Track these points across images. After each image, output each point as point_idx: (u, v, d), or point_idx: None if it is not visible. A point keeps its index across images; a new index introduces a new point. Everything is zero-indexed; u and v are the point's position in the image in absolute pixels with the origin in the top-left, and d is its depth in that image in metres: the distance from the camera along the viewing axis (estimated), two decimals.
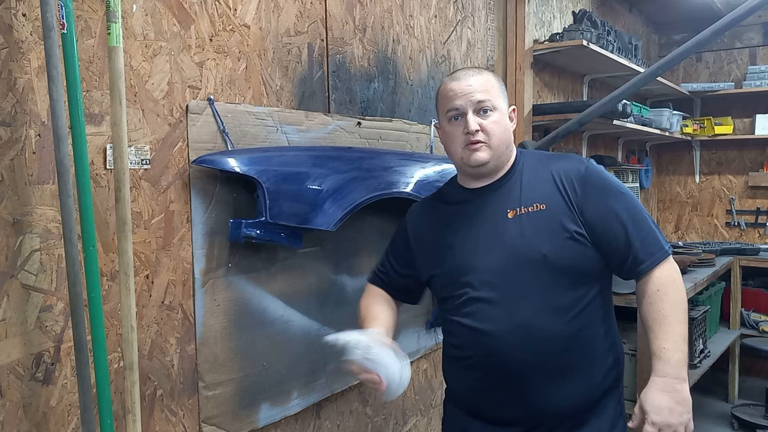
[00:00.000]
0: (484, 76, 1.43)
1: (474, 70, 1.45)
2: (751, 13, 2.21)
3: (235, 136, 1.61)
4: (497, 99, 1.41)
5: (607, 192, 1.39)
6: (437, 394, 2.51)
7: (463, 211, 1.46)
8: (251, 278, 1.68)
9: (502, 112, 1.42)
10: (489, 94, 1.39)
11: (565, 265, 1.35)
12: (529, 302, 1.35)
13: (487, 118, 1.39)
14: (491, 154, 1.39)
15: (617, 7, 4.10)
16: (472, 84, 1.40)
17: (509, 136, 1.44)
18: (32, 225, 1.25)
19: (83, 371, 1.22)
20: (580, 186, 1.38)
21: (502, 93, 1.43)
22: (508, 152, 1.44)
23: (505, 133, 1.42)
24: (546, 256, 1.35)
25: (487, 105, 1.39)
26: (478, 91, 1.39)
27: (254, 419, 1.69)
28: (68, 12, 1.17)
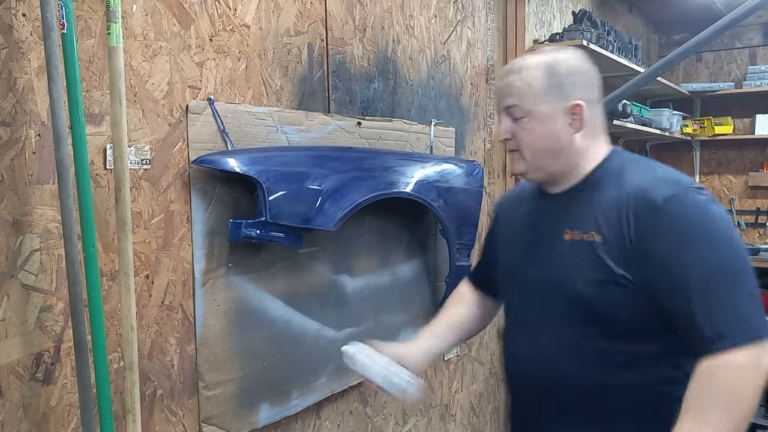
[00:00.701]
0: (524, 73, 1.20)
1: (518, 65, 1.23)
2: (751, 13, 2.22)
3: (235, 136, 1.61)
4: (534, 102, 1.19)
5: (683, 238, 1.06)
6: (437, 394, 2.51)
7: (534, 216, 1.31)
8: (251, 278, 1.68)
9: (541, 117, 1.18)
10: (520, 98, 1.20)
11: (600, 310, 1.14)
12: (550, 336, 1.22)
13: (518, 125, 1.21)
14: (526, 166, 1.22)
15: (617, 7, 4.10)
16: (508, 83, 1.21)
17: (553, 144, 1.19)
18: (32, 225, 1.25)
19: (83, 371, 1.22)
20: (649, 221, 1.09)
21: (545, 93, 1.18)
22: (561, 162, 1.21)
23: (544, 141, 1.19)
24: (577, 295, 1.16)
25: (515, 111, 1.20)
26: (508, 94, 1.21)
27: (254, 419, 1.69)
28: (68, 12, 1.17)
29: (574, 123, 1.19)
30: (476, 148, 2.68)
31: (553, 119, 1.19)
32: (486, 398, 2.88)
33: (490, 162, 2.79)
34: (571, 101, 1.18)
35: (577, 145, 1.20)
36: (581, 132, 1.20)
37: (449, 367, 2.58)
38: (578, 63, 1.22)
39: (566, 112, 1.19)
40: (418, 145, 2.25)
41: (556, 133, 1.19)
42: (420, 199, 2.00)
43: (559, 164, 1.22)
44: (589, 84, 1.22)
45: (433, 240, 2.33)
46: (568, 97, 1.18)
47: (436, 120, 2.36)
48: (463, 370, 2.69)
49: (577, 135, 1.20)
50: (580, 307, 1.17)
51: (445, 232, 2.16)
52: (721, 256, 1.06)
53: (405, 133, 2.20)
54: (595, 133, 1.23)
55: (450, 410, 2.61)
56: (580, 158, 1.21)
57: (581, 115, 1.19)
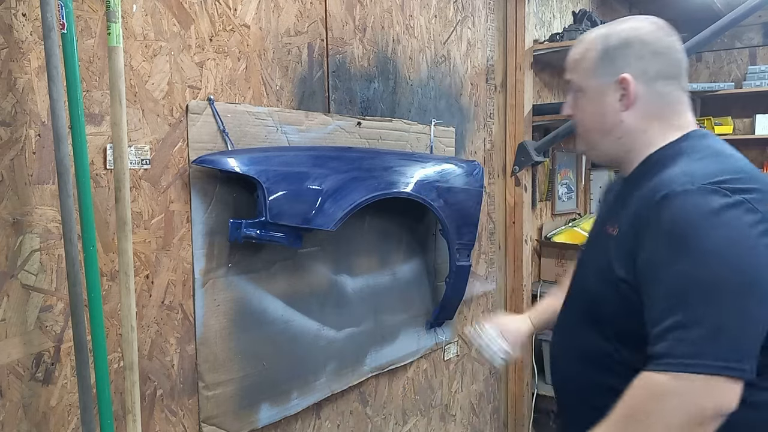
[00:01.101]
0: (581, 46, 1.15)
1: (581, 37, 1.16)
2: (751, 13, 2.21)
3: (235, 136, 1.61)
4: (587, 76, 1.12)
5: (671, 243, 0.95)
6: (437, 394, 2.51)
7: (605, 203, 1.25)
8: (251, 278, 1.68)
9: (590, 92, 1.12)
10: (575, 72, 1.14)
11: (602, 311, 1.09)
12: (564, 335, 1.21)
13: (575, 100, 1.16)
14: (582, 144, 1.17)
15: (617, 7, 4.10)
16: (569, 56, 1.16)
17: (600, 122, 1.12)
18: (32, 225, 1.25)
19: (83, 371, 1.22)
20: (644, 219, 1.00)
21: (598, 64, 1.11)
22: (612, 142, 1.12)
23: (592, 118, 1.13)
24: (586, 293, 1.13)
25: (572, 86, 1.15)
26: (567, 68, 1.16)
27: (254, 419, 1.69)
28: (68, 12, 1.17)
29: (624, 99, 1.09)
30: (476, 148, 2.68)
31: (601, 94, 1.11)
32: (486, 398, 2.89)
33: (490, 162, 2.79)
34: (618, 75, 1.08)
35: (629, 126, 1.10)
36: (634, 110, 1.09)
37: (449, 367, 2.58)
38: (636, 32, 1.09)
39: (614, 87, 1.09)
40: (418, 145, 2.25)
41: (603, 109, 1.11)
42: (420, 199, 2.00)
43: (610, 145, 1.13)
44: (648, 57, 1.08)
45: (433, 240, 2.33)
46: (617, 70, 1.09)
47: (436, 120, 2.36)
48: (463, 370, 2.69)
49: (628, 113, 1.09)
50: (587, 307, 1.13)
51: (445, 232, 2.16)
52: (701, 268, 0.92)
53: (405, 133, 2.20)
54: (659, 114, 1.10)
55: (450, 410, 2.61)
56: (635, 141, 1.10)
57: (629, 90, 1.08)
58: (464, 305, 2.61)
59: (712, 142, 1.09)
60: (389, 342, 2.16)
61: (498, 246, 2.90)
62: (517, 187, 2.87)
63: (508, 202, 2.90)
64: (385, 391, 2.22)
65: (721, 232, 0.93)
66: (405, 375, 2.32)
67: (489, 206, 2.80)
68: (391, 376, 2.25)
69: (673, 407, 0.90)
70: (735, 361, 0.89)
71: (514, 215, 2.89)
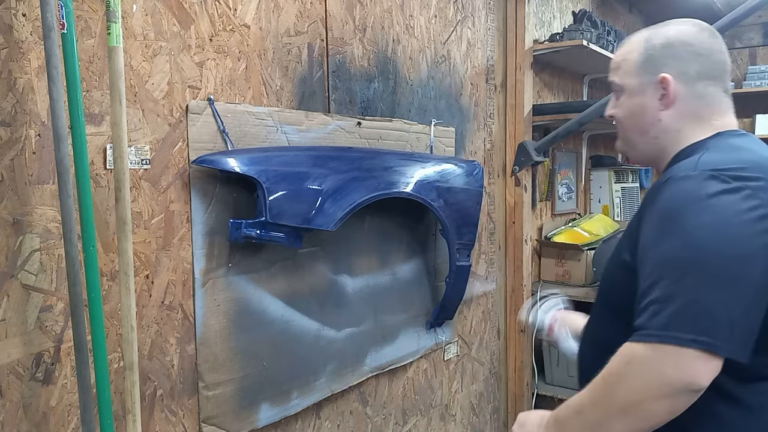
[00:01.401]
0: (624, 48, 1.17)
1: (625, 40, 1.19)
2: (751, 13, 2.22)
3: (235, 136, 1.61)
4: (628, 76, 1.15)
5: (662, 222, 0.98)
6: (437, 394, 2.51)
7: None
8: (251, 278, 1.68)
9: (630, 92, 1.15)
10: (617, 73, 1.17)
11: (610, 297, 1.15)
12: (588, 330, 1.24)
13: (617, 101, 1.18)
14: (621, 144, 1.20)
15: (617, 7, 4.10)
16: (612, 59, 1.19)
17: (639, 120, 1.14)
18: (32, 225, 1.25)
19: (83, 371, 1.22)
20: (647, 205, 1.04)
21: (639, 65, 1.13)
22: (649, 141, 1.15)
23: (632, 117, 1.15)
24: (602, 284, 1.18)
25: (614, 86, 1.18)
26: (610, 69, 1.18)
27: (254, 419, 1.69)
28: (68, 12, 1.17)
29: (663, 99, 1.11)
30: (476, 148, 2.68)
31: (641, 93, 1.13)
32: (486, 398, 2.88)
33: (490, 162, 2.79)
34: (658, 75, 1.11)
35: (666, 125, 1.12)
36: (673, 110, 1.11)
37: (449, 367, 2.58)
38: (678, 34, 1.13)
39: (654, 87, 1.11)
40: (418, 145, 2.25)
41: (642, 108, 1.13)
42: (420, 199, 2.00)
43: (646, 144, 1.15)
44: (689, 58, 1.11)
45: (433, 240, 2.33)
46: (657, 70, 1.11)
47: (436, 120, 2.36)
48: (463, 370, 2.69)
49: (666, 113, 1.12)
50: (605, 297, 1.17)
51: (445, 232, 2.16)
52: (684, 247, 0.94)
53: (405, 133, 2.20)
54: (697, 114, 1.11)
55: (450, 410, 2.61)
56: (669, 140, 1.12)
57: (669, 89, 1.10)
58: (464, 305, 2.61)
59: (739, 140, 1.10)
60: (389, 342, 2.16)
61: (498, 246, 2.90)
62: (517, 187, 2.87)
63: (508, 202, 2.90)
64: (385, 391, 2.22)
65: (710, 214, 0.95)
66: (405, 375, 2.32)
67: (489, 206, 2.80)
68: (391, 376, 2.25)
69: (641, 372, 0.94)
70: (706, 335, 0.90)
71: (514, 215, 2.89)
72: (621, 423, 0.97)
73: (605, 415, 0.99)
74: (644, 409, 0.94)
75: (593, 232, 3.20)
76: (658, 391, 0.92)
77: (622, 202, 3.89)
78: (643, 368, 0.94)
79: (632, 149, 1.20)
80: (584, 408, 1.03)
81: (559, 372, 3.05)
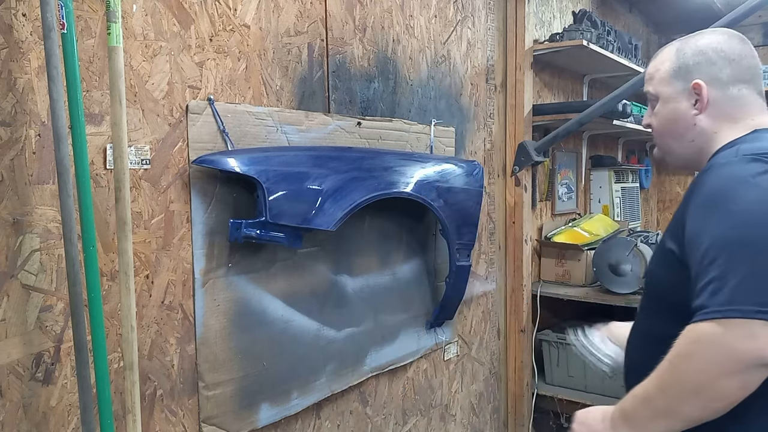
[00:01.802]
0: (657, 59, 1.22)
1: (657, 52, 1.23)
2: (751, 13, 2.22)
3: (235, 136, 1.61)
4: (661, 85, 1.20)
5: (711, 205, 1.01)
6: (437, 394, 2.51)
7: None
8: (251, 278, 1.68)
9: (665, 100, 1.19)
10: (652, 82, 1.22)
11: (657, 289, 1.17)
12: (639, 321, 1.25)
13: (653, 111, 1.23)
14: (659, 151, 1.24)
15: (617, 7, 4.10)
16: (646, 71, 1.24)
17: (675, 126, 1.18)
18: (32, 225, 1.25)
19: (83, 371, 1.22)
20: (691, 193, 1.07)
21: (672, 73, 1.18)
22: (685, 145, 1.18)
23: (668, 123, 1.19)
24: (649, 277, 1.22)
25: (650, 96, 1.22)
26: (645, 80, 1.23)
27: (254, 419, 1.69)
28: (68, 12, 1.17)
29: (698, 104, 1.15)
30: (476, 148, 2.68)
31: (675, 101, 1.18)
32: (486, 398, 2.89)
33: (490, 162, 2.79)
34: (691, 81, 1.16)
35: (702, 128, 1.16)
36: (707, 114, 1.16)
37: (449, 367, 2.59)
38: (710, 42, 1.17)
39: (688, 93, 1.16)
40: (418, 145, 2.25)
41: (678, 115, 1.17)
42: (420, 199, 2.00)
43: (683, 149, 1.19)
44: (721, 64, 1.15)
45: (433, 240, 2.33)
46: (691, 77, 1.16)
47: (436, 120, 2.36)
48: (463, 370, 2.69)
49: (701, 117, 1.16)
50: (650, 290, 1.21)
51: (445, 232, 2.16)
52: (730, 226, 0.97)
53: (405, 133, 2.20)
54: (732, 116, 1.15)
55: (450, 410, 2.61)
56: (706, 142, 1.16)
57: (702, 95, 1.14)
58: (464, 305, 2.61)
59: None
60: (389, 342, 2.16)
61: (498, 246, 2.90)
62: (517, 187, 2.87)
63: (508, 202, 2.90)
64: (385, 391, 2.22)
65: (754, 192, 0.98)
66: (405, 375, 2.32)
67: (489, 206, 2.80)
68: (391, 376, 2.25)
69: (709, 350, 0.93)
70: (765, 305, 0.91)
71: (514, 215, 2.89)
72: (692, 405, 0.96)
73: (675, 398, 0.98)
74: (716, 388, 0.94)
75: (593, 232, 3.20)
76: (729, 367, 0.92)
77: (622, 202, 3.89)
78: (711, 346, 0.93)
79: (670, 155, 1.23)
80: (652, 395, 1.02)
81: (559, 372, 3.05)
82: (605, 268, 2.87)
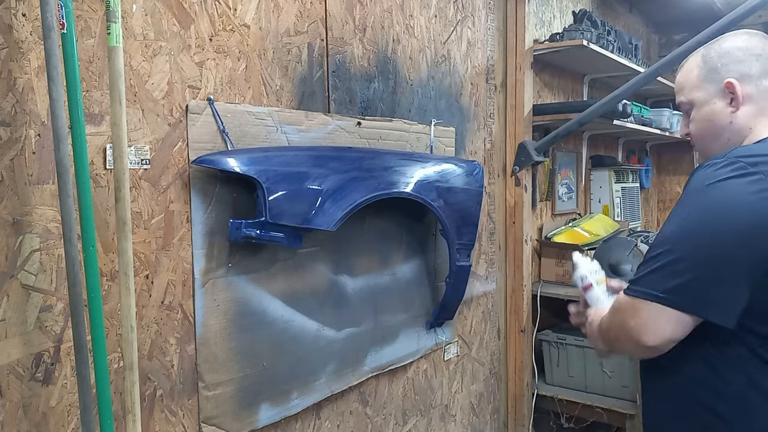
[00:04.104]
0: (684, 68, 1.26)
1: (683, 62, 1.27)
2: (751, 13, 2.21)
3: (235, 136, 1.61)
4: (693, 91, 1.22)
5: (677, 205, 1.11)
6: (437, 394, 2.51)
7: None
8: (251, 278, 1.68)
9: (699, 104, 1.22)
10: (683, 92, 1.25)
11: None
12: None
13: (689, 118, 1.25)
14: (699, 156, 1.27)
15: (617, 7, 4.10)
16: (676, 82, 1.28)
17: (713, 126, 1.20)
18: (32, 225, 1.25)
19: (83, 371, 1.22)
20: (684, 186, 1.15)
21: (702, 78, 1.21)
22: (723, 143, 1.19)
23: (705, 126, 1.21)
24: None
25: (683, 106, 1.26)
26: (676, 91, 1.27)
27: (254, 419, 1.69)
28: (68, 12, 1.17)
29: (734, 102, 1.17)
30: (476, 148, 2.68)
31: (710, 103, 1.20)
32: (486, 398, 2.88)
33: (490, 162, 2.79)
34: (723, 81, 1.18)
35: (739, 124, 1.17)
36: (743, 111, 1.17)
37: (449, 367, 2.58)
38: (733, 42, 1.20)
39: (721, 94, 1.18)
40: (418, 145, 2.25)
41: (714, 115, 1.19)
42: (420, 199, 2.00)
43: (720, 146, 1.19)
44: (749, 60, 1.17)
45: (433, 240, 2.33)
46: (722, 77, 1.18)
47: (436, 120, 2.36)
48: (463, 370, 2.68)
49: (738, 114, 1.17)
50: None
51: (445, 232, 2.16)
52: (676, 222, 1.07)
53: (405, 133, 2.20)
54: (766, 110, 1.17)
55: (450, 410, 2.61)
56: (741, 139, 1.17)
57: (736, 92, 1.16)
58: (464, 305, 2.61)
59: None
60: (389, 342, 2.16)
61: (498, 246, 2.90)
62: (517, 187, 2.87)
63: (508, 202, 2.90)
64: (385, 391, 2.22)
65: (717, 192, 1.04)
66: (405, 375, 2.32)
67: (489, 206, 2.80)
68: (391, 377, 2.25)
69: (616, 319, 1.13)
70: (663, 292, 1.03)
71: (514, 215, 2.89)
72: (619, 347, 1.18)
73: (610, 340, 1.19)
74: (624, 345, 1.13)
75: (593, 232, 3.19)
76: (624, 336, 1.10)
77: (622, 202, 3.89)
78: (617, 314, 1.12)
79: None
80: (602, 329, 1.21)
81: (559, 372, 3.05)
82: (605, 268, 2.84)
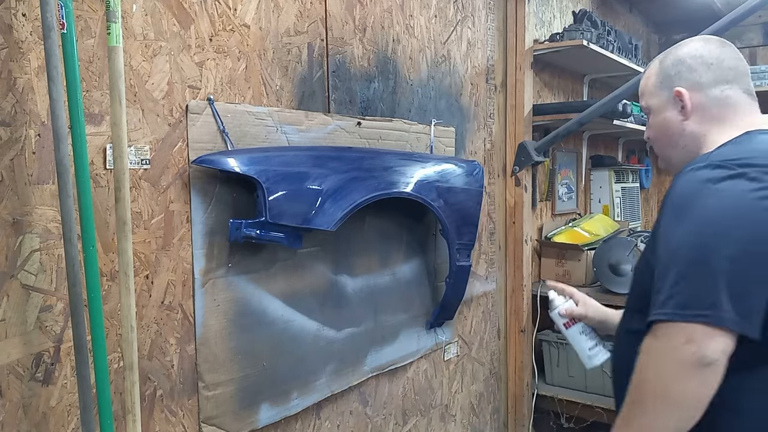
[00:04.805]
0: (645, 74, 1.28)
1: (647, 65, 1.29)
2: (751, 13, 2.22)
3: (235, 136, 1.61)
4: (651, 97, 1.25)
5: (675, 211, 1.05)
6: (437, 394, 2.51)
7: None
8: (251, 278, 1.68)
9: (655, 111, 1.24)
10: (643, 97, 1.27)
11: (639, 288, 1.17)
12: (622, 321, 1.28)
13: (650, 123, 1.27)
14: (662, 162, 1.28)
15: (617, 7, 4.10)
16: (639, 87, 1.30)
17: (667, 134, 1.23)
18: (32, 225, 1.25)
19: (83, 371, 1.22)
20: (665, 199, 1.10)
21: (657, 85, 1.23)
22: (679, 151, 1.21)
23: (660, 133, 1.24)
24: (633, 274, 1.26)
25: (644, 111, 1.28)
26: (639, 96, 1.29)
27: (254, 419, 1.69)
28: (68, 12, 1.17)
29: (683, 110, 1.19)
30: (476, 148, 2.68)
31: (664, 110, 1.22)
32: (486, 398, 2.88)
33: (490, 162, 2.79)
34: (674, 90, 1.20)
35: (691, 132, 1.19)
36: (694, 118, 1.19)
37: (449, 367, 2.58)
38: (688, 50, 1.21)
39: (673, 102, 1.20)
40: (418, 145, 2.25)
41: (667, 123, 1.22)
42: (420, 199, 2.00)
43: (679, 154, 1.21)
44: (700, 69, 1.19)
45: (433, 240, 2.33)
46: (673, 85, 1.20)
47: (436, 120, 2.36)
48: (463, 370, 2.68)
49: (689, 122, 1.19)
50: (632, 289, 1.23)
51: (445, 232, 2.16)
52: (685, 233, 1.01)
53: (405, 133, 2.20)
54: (719, 117, 1.18)
55: (450, 410, 2.61)
56: (699, 146, 1.17)
57: (685, 101, 1.18)
58: (464, 305, 2.61)
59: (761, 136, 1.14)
60: (389, 342, 2.16)
61: (498, 246, 2.90)
62: (517, 187, 2.87)
63: (508, 202, 2.90)
64: (385, 391, 2.22)
65: (714, 199, 1.01)
66: (405, 375, 2.32)
67: (489, 206, 2.80)
68: (391, 377, 2.25)
69: (659, 359, 0.99)
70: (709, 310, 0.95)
71: (514, 215, 2.89)
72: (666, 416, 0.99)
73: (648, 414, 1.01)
74: (675, 393, 0.97)
75: (593, 232, 3.19)
76: (677, 372, 0.96)
77: (622, 202, 3.89)
78: (659, 354, 0.99)
79: (669, 163, 1.26)
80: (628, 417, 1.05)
81: (559, 372, 3.05)
82: (605, 269, 2.87)
